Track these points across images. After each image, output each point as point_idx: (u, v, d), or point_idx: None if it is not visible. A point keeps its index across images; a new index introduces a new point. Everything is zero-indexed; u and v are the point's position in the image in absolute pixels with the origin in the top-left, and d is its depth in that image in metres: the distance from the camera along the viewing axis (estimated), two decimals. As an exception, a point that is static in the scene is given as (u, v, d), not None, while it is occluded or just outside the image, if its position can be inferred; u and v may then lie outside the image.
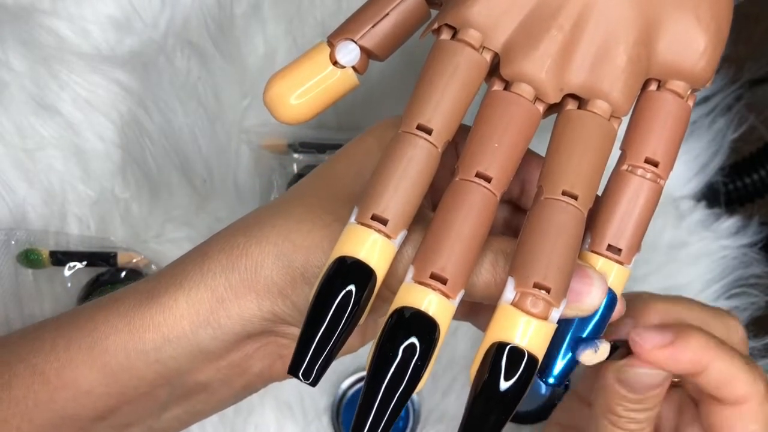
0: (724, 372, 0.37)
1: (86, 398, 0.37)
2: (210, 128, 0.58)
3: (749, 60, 0.65)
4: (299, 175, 0.58)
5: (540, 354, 0.32)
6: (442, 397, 0.58)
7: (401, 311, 0.31)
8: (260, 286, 0.36)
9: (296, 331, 0.35)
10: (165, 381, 0.37)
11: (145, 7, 0.57)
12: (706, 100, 0.63)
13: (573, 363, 0.35)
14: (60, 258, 0.55)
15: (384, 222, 0.32)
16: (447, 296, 0.32)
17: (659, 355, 0.37)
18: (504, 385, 0.31)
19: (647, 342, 0.37)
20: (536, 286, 0.31)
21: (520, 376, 0.31)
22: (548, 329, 0.32)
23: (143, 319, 0.37)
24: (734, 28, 0.37)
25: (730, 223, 0.62)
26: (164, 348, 0.37)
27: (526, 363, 0.31)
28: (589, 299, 0.33)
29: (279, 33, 0.58)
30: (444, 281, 0.32)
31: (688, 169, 0.62)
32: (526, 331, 0.31)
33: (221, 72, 0.58)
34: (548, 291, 0.31)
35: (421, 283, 0.32)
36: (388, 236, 0.32)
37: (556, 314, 0.32)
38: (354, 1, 0.58)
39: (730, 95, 0.63)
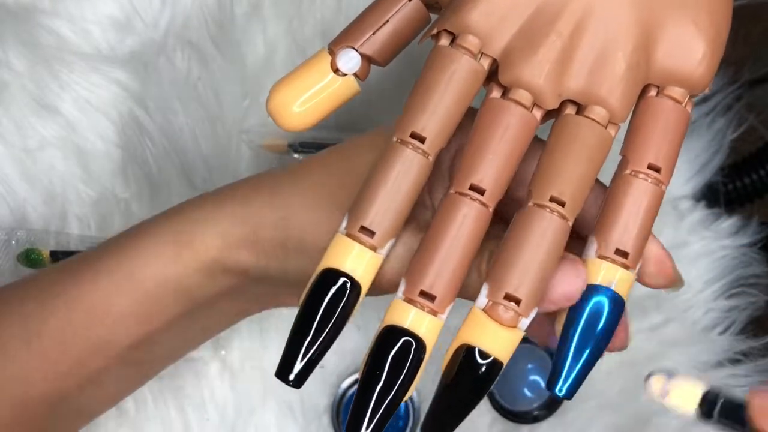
0: None
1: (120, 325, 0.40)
2: (210, 128, 0.58)
3: (749, 60, 0.65)
4: (299, 175, 0.58)
5: (505, 359, 0.33)
6: (441, 396, 0.58)
7: (390, 329, 0.33)
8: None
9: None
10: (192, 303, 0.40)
11: (145, 7, 0.57)
12: (705, 100, 0.63)
13: (582, 374, 0.34)
14: (61, 258, 0.55)
15: (371, 234, 0.33)
16: (435, 313, 0.33)
17: None
18: (466, 384, 0.33)
19: None
20: (507, 297, 0.32)
21: (482, 377, 0.33)
22: (515, 336, 0.33)
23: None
24: (733, 28, 0.36)
25: (729, 223, 0.62)
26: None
27: (488, 366, 0.33)
28: (560, 288, 0.34)
29: (279, 33, 0.58)
30: (432, 298, 0.33)
31: (688, 169, 0.62)
32: (494, 337, 0.33)
33: (221, 72, 0.58)
34: (518, 303, 0.32)
35: (409, 300, 0.33)
36: (374, 247, 0.33)
37: (525, 323, 0.33)
38: (354, 1, 0.58)
39: (729, 95, 0.63)
